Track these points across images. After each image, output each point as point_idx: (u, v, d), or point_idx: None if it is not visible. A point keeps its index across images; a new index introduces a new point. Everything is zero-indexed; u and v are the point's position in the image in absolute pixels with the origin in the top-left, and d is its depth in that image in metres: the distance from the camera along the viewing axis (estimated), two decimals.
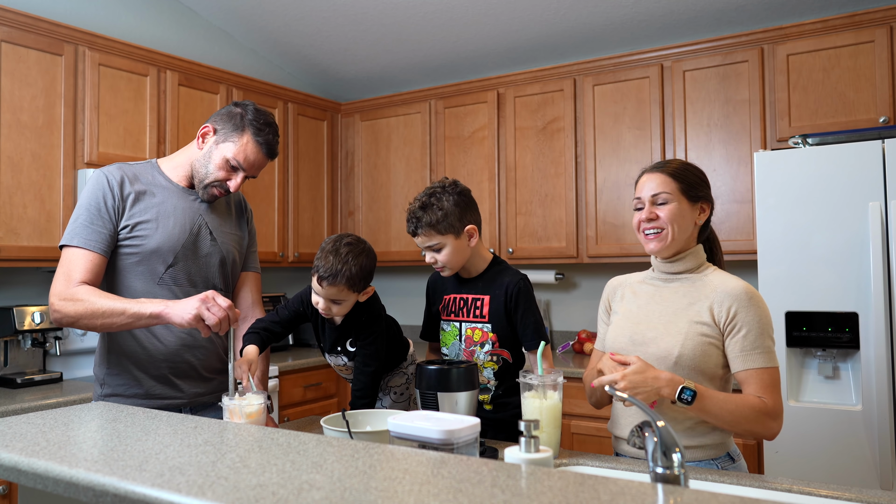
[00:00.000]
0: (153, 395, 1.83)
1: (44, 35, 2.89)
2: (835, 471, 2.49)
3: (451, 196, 1.83)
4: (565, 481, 0.95)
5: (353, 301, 1.86)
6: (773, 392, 1.54)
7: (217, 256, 1.92)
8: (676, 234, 1.64)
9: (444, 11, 3.63)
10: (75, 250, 1.77)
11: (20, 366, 2.97)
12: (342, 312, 1.86)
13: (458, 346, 1.92)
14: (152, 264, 1.82)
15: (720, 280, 1.63)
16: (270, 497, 0.89)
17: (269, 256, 3.89)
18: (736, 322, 1.57)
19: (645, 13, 3.47)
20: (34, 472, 1.09)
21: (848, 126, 2.96)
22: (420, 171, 4.11)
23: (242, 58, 4.17)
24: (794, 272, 2.62)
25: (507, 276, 1.89)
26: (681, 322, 1.62)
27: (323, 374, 3.65)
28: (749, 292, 1.59)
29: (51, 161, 2.90)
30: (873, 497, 1.28)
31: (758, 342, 1.56)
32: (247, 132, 1.83)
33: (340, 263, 1.77)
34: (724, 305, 1.58)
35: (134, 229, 1.81)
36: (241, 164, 1.84)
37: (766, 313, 1.59)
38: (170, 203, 1.87)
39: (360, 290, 1.85)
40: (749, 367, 1.55)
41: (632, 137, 3.48)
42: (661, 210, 1.64)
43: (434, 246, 1.84)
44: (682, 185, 1.65)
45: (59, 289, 1.74)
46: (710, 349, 1.59)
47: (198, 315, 1.61)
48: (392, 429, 1.31)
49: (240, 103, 1.89)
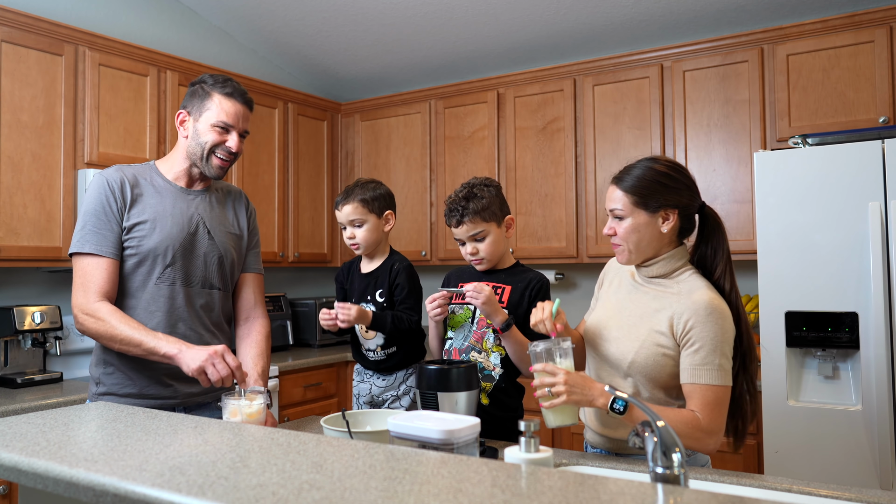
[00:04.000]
0: (146, 395, 1.84)
1: (44, 35, 2.89)
2: (835, 471, 2.49)
3: (490, 188, 1.94)
4: (565, 481, 0.95)
5: (376, 227, 2.09)
6: (712, 410, 1.52)
7: (215, 255, 1.93)
8: (635, 248, 1.64)
9: (444, 11, 3.63)
10: (89, 258, 1.80)
11: (20, 366, 2.97)
12: (366, 239, 2.10)
13: (467, 329, 1.93)
14: (150, 264, 1.84)
15: (687, 290, 1.60)
16: (270, 497, 0.89)
17: (269, 256, 3.89)
18: (691, 336, 1.55)
19: (645, 13, 3.47)
20: (34, 472, 1.09)
21: (848, 126, 2.96)
22: (420, 171, 4.11)
23: (242, 58, 4.17)
24: (794, 272, 2.62)
25: (532, 274, 1.99)
26: (642, 328, 1.62)
27: (323, 374, 3.65)
28: (710, 307, 1.55)
29: (51, 161, 2.90)
30: (873, 497, 1.28)
31: (708, 359, 1.53)
32: (214, 94, 1.88)
33: (353, 185, 2.12)
34: (682, 318, 1.57)
35: (132, 230, 1.83)
36: (228, 122, 1.88)
37: (725, 329, 1.55)
38: (168, 203, 1.88)
39: (378, 212, 2.08)
40: (695, 381, 1.53)
41: (632, 137, 3.48)
42: (619, 225, 1.65)
43: (478, 234, 1.92)
44: (636, 198, 1.62)
45: (80, 301, 1.79)
46: (663, 360, 1.58)
47: (201, 368, 1.68)
48: (392, 429, 1.31)
49: (195, 80, 1.94)
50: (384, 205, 2.12)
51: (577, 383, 1.50)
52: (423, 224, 4.09)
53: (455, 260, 3.90)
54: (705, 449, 1.54)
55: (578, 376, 1.52)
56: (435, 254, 4.04)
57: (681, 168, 1.68)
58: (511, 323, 1.82)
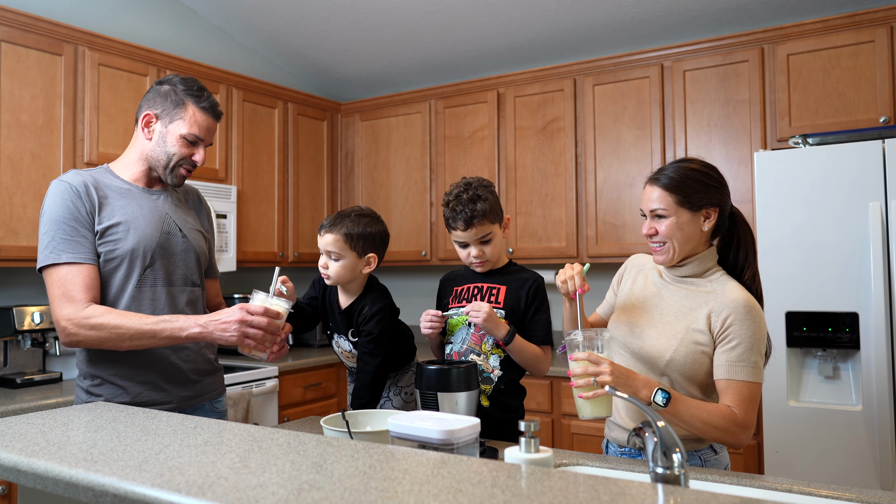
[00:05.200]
0: (140, 403, 1.79)
1: (43, 35, 2.89)
2: (835, 471, 2.48)
3: (490, 188, 1.91)
4: (565, 481, 0.94)
5: (352, 266, 1.88)
6: (748, 405, 1.55)
7: (192, 253, 1.90)
8: (679, 247, 1.65)
9: (444, 11, 3.63)
10: (66, 267, 1.70)
11: (20, 366, 2.96)
12: (339, 275, 1.89)
13: (465, 332, 1.91)
14: (129, 267, 1.78)
15: (722, 288, 1.63)
16: (270, 497, 0.89)
17: (268, 256, 3.89)
18: (729, 333, 1.58)
19: (645, 13, 3.47)
20: (34, 472, 1.08)
21: (848, 126, 2.96)
22: (420, 171, 4.11)
23: (242, 58, 4.17)
24: (795, 272, 2.62)
25: (527, 274, 1.95)
26: (678, 326, 1.64)
27: (323, 374, 3.65)
28: (748, 305, 1.59)
29: (50, 161, 2.90)
30: (873, 497, 1.28)
31: (745, 356, 1.56)
32: (188, 104, 1.83)
33: (343, 216, 1.89)
34: (721, 315, 1.59)
35: (105, 234, 1.76)
36: (199, 135, 1.84)
37: (761, 328, 1.59)
38: (135, 204, 1.83)
39: (360, 252, 1.88)
40: (731, 377, 1.56)
41: (632, 137, 3.47)
42: (660, 224, 1.65)
43: (485, 237, 1.88)
44: (679, 197, 1.63)
45: (67, 312, 1.68)
46: (701, 357, 1.61)
47: (239, 343, 1.67)
48: (392, 429, 1.31)
49: (164, 79, 1.87)
50: (369, 246, 1.90)
51: (622, 374, 1.51)
52: (423, 224, 4.08)
53: (455, 260, 3.90)
54: (738, 443, 1.57)
55: (622, 367, 1.53)
56: (435, 254, 4.04)
57: (715, 168, 1.70)
58: (514, 333, 1.82)
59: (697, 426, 1.53)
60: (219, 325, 1.67)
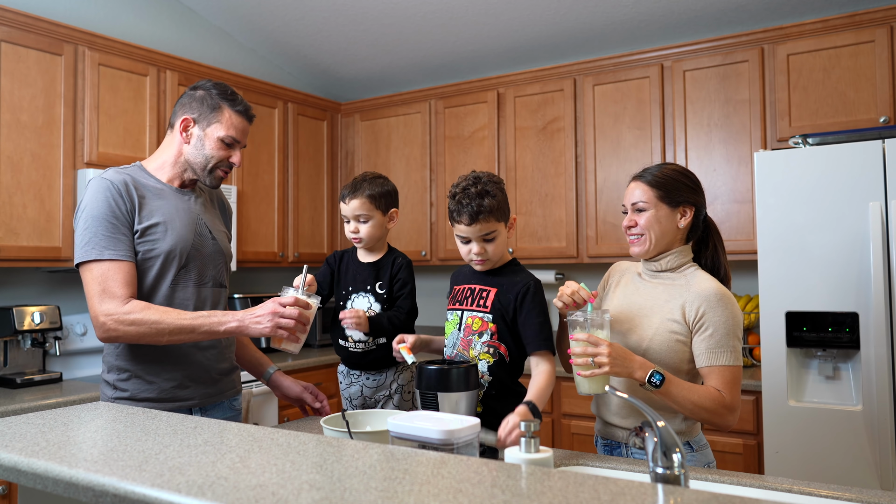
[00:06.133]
0: (165, 399, 1.82)
1: (43, 35, 2.89)
2: (835, 471, 2.48)
3: (500, 184, 1.86)
4: (565, 481, 0.95)
5: (380, 224, 2.06)
6: (732, 388, 1.63)
7: (220, 255, 1.95)
8: (655, 239, 1.74)
9: (444, 11, 3.63)
10: (107, 264, 1.74)
11: (20, 366, 2.96)
12: (370, 235, 2.06)
13: (455, 336, 1.87)
14: (164, 267, 1.82)
15: (695, 281, 1.72)
16: (270, 497, 0.89)
17: (269, 256, 3.89)
18: (704, 321, 1.66)
19: (645, 13, 3.47)
20: (34, 473, 1.08)
21: (848, 126, 2.96)
22: (420, 171, 4.11)
23: (242, 58, 4.17)
24: (795, 272, 2.62)
25: (520, 276, 1.87)
26: (654, 318, 1.72)
27: (323, 374, 3.65)
28: (719, 293, 1.67)
29: (50, 161, 2.90)
30: (873, 497, 1.28)
31: (723, 341, 1.64)
32: (224, 108, 1.88)
33: (361, 179, 2.07)
34: (694, 305, 1.67)
35: (145, 234, 1.80)
36: (236, 137, 1.89)
37: (735, 314, 1.67)
38: (170, 205, 1.86)
39: (384, 209, 2.06)
40: (713, 363, 1.64)
41: (632, 137, 3.47)
42: (640, 217, 1.75)
43: (489, 235, 1.82)
44: (660, 192, 1.74)
45: (107, 308, 1.72)
46: (676, 346, 1.68)
47: (272, 335, 1.74)
48: (392, 429, 1.31)
49: (197, 85, 1.92)
50: (390, 202, 2.10)
51: (619, 355, 1.57)
52: (423, 224, 4.08)
53: (455, 260, 3.90)
54: (727, 425, 1.64)
55: (619, 348, 1.59)
56: (435, 254, 4.04)
57: (693, 173, 1.83)
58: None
59: (688, 407, 1.60)
60: (253, 319, 1.74)
